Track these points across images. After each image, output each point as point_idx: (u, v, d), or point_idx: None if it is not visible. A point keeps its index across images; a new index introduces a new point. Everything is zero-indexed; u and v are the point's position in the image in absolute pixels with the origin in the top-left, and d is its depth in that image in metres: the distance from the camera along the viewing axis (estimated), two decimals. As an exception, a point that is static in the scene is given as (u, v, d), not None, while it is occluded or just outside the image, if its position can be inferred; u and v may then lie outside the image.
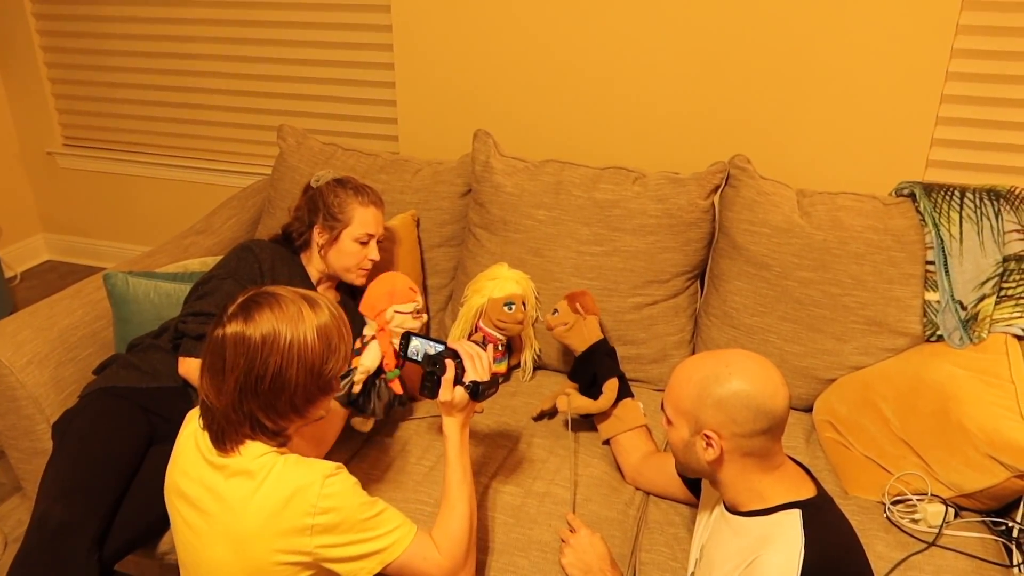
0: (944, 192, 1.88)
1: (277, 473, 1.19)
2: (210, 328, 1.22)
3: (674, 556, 1.53)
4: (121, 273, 1.92)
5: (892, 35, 2.13)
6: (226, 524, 1.20)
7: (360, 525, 1.21)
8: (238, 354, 1.17)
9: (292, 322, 1.19)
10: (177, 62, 3.07)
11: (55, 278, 3.55)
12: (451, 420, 1.40)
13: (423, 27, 2.58)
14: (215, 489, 1.22)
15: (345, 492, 1.20)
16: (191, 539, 1.25)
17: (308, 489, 1.18)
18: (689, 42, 2.32)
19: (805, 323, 1.90)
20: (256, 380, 1.18)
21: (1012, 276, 1.79)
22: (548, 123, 2.57)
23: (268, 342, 1.17)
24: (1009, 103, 2.15)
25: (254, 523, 1.18)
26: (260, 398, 1.19)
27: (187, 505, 1.25)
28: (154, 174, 3.31)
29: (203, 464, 1.24)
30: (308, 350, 1.19)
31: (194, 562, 1.26)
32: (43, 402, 1.76)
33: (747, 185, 1.97)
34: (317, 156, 2.36)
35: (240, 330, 1.18)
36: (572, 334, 1.76)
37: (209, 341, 1.20)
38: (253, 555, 1.18)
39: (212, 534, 1.21)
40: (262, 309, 1.19)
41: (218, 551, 1.21)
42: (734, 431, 1.17)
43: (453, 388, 1.38)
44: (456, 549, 1.32)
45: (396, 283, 1.77)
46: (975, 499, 1.56)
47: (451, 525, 1.33)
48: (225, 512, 1.20)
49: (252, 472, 1.20)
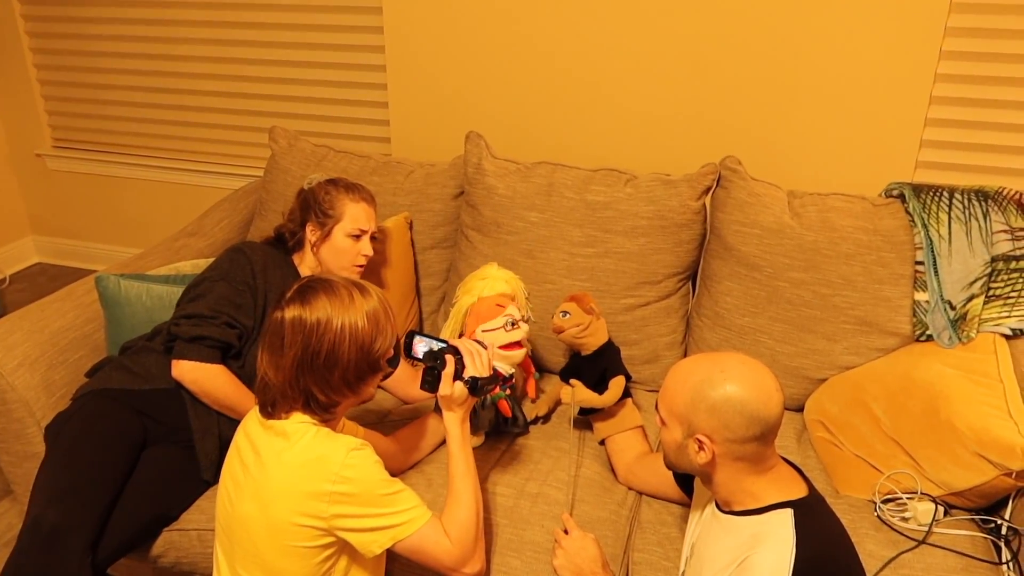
0: (933, 193, 1.90)
1: (309, 439, 1.30)
2: (270, 311, 1.34)
3: (666, 556, 1.54)
4: (113, 275, 1.92)
5: (881, 37, 2.15)
6: (257, 479, 1.30)
7: (377, 500, 1.29)
8: (295, 333, 1.30)
9: (344, 305, 1.32)
10: (168, 63, 3.06)
11: (45, 281, 3.53)
12: (451, 415, 1.45)
13: (415, 29, 2.58)
14: (257, 444, 1.33)
15: (366, 466, 1.29)
16: (232, 491, 1.35)
17: (332, 457, 1.27)
18: (680, 44, 2.33)
19: (796, 323, 1.91)
20: (312, 356, 1.30)
21: (1000, 276, 1.81)
22: (540, 125, 2.57)
23: (323, 322, 1.30)
24: (997, 104, 2.17)
25: (279, 480, 1.27)
26: (315, 373, 1.31)
27: (238, 459, 1.36)
28: (145, 176, 3.30)
29: (256, 423, 1.36)
30: (359, 330, 1.32)
31: (227, 515, 1.35)
32: (34, 405, 1.75)
33: (738, 186, 1.98)
34: (309, 158, 2.36)
35: (298, 313, 1.31)
36: (588, 334, 1.74)
37: (269, 323, 1.34)
38: (276, 513, 1.27)
39: (247, 488, 1.31)
40: (318, 294, 1.32)
41: (248, 506, 1.31)
42: (727, 437, 1.18)
43: (452, 383, 1.43)
44: (465, 537, 1.37)
45: (481, 305, 1.74)
46: (964, 497, 1.58)
47: (459, 514, 1.38)
48: (259, 467, 1.31)
49: (288, 434, 1.31)
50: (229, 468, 1.39)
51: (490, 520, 1.58)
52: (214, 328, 1.67)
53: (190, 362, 1.66)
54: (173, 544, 1.63)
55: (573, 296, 1.77)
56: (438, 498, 1.62)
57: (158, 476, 1.62)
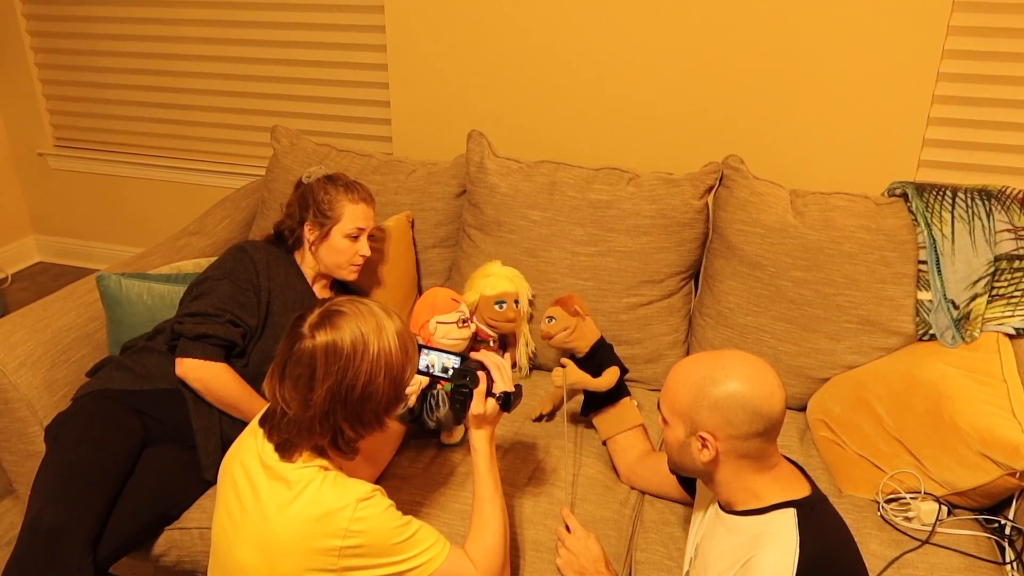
0: (936, 192, 1.89)
1: (314, 489, 1.20)
2: (288, 342, 1.22)
3: (669, 555, 1.54)
4: (114, 275, 1.92)
5: (884, 36, 2.15)
6: (257, 528, 1.21)
7: (390, 549, 1.21)
8: (330, 364, 1.18)
9: (376, 330, 1.21)
10: (170, 63, 3.06)
11: (47, 280, 3.53)
12: (480, 433, 1.38)
13: (417, 28, 2.57)
14: (257, 487, 1.23)
15: (376, 516, 1.20)
16: (228, 528, 1.26)
17: (341, 512, 1.18)
18: (683, 43, 2.32)
19: (799, 323, 1.90)
20: (347, 390, 1.19)
21: (1003, 275, 1.81)
22: (542, 124, 2.57)
23: (359, 351, 1.19)
24: (1000, 103, 2.16)
25: (284, 535, 1.19)
26: (349, 408, 1.20)
27: (234, 494, 1.26)
28: (147, 175, 3.30)
29: (256, 458, 1.25)
30: (392, 357, 1.22)
31: (224, 553, 1.26)
32: (36, 404, 1.75)
33: (741, 185, 1.98)
34: (311, 157, 2.35)
35: (331, 339, 1.18)
36: (575, 337, 1.73)
37: (292, 353, 1.20)
38: (281, 567, 1.19)
39: (245, 533, 1.23)
40: (346, 318, 1.20)
41: (247, 555, 1.22)
42: (730, 433, 1.17)
43: (485, 400, 1.36)
44: (492, 563, 1.32)
45: (437, 296, 1.79)
46: (968, 497, 1.57)
47: (486, 540, 1.33)
48: (259, 514, 1.21)
49: (291, 482, 1.21)
50: (224, 501, 1.29)
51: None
52: (218, 326, 1.67)
53: (194, 360, 1.66)
54: (175, 543, 1.63)
55: (558, 300, 1.76)
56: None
57: (159, 476, 1.62)
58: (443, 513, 1.59)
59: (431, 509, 1.60)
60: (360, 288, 2.08)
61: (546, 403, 1.88)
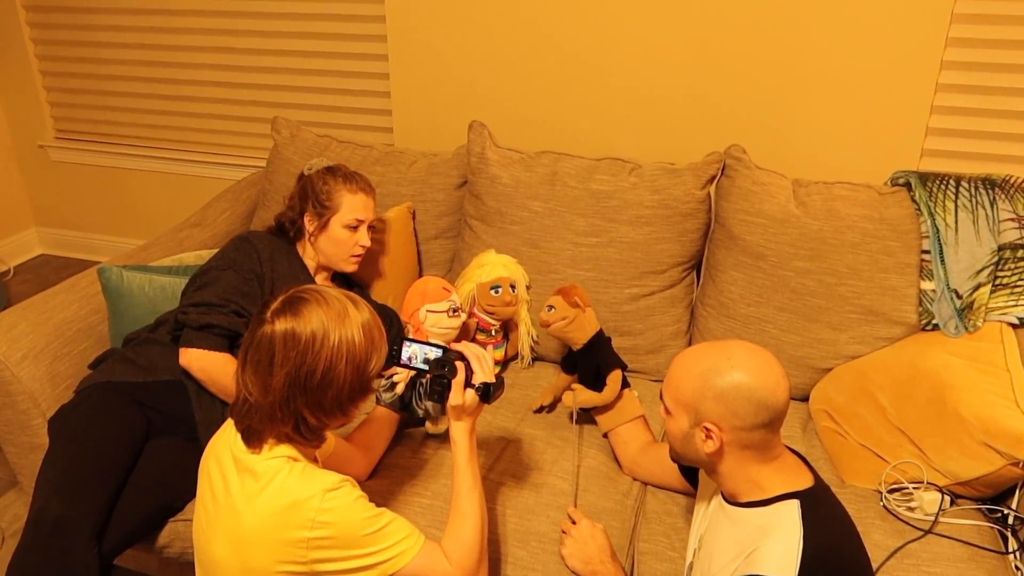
0: (939, 181, 1.88)
1: (281, 480, 1.19)
2: (251, 327, 1.22)
3: (672, 546, 1.54)
4: (116, 267, 1.92)
5: (887, 24, 2.13)
6: (228, 521, 1.20)
7: (360, 541, 1.19)
8: (288, 349, 1.18)
9: (339, 319, 1.20)
10: (170, 54, 3.05)
11: (49, 272, 3.53)
12: (460, 425, 1.36)
13: (417, 18, 2.56)
14: (228, 480, 1.23)
15: (345, 507, 1.19)
16: (204, 523, 1.26)
17: (308, 503, 1.17)
18: (685, 32, 2.31)
19: (801, 313, 1.90)
20: (306, 376, 1.19)
21: (1007, 265, 1.80)
22: (544, 114, 2.56)
23: (319, 338, 1.18)
24: (1004, 92, 2.15)
25: (253, 527, 1.18)
26: (308, 395, 1.20)
27: (208, 488, 1.26)
28: (148, 167, 3.29)
29: (228, 452, 1.25)
30: (356, 347, 1.21)
31: (203, 548, 1.26)
32: (39, 397, 1.76)
33: (743, 175, 1.97)
34: (311, 148, 2.35)
35: (290, 327, 1.18)
36: (573, 328, 1.73)
37: (253, 339, 1.20)
38: (252, 561, 1.18)
39: (218, 527, 1.22)
40: (310, 306, 1.20)
41: (221, 548, 1.21)
42: (734, 424, 1.17)
43: (464, 391, 1.35)
44: (467, 559, 1.29)
45: (428, 284, 1.79)
46: (971, 487, 1.57)
47: (463, 534, 1.31)
48: (229, 508, 1.21)
49: (258, 473, 1.20)
50: (201, 496, 1.28)
51: (495, 511, 1.58)
52: (222, 316, 1.67)
53: (198, 350, 1.66)
54: (178, 534, 1.64)
55: (560, 290, 1.77)
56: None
57: (162, 468, 1.62)
58: (436, 501, 1.59)
59: (423, 498, 1.60)
60: (361, 279, 2.08)
61: (547, 394, 1.88)
